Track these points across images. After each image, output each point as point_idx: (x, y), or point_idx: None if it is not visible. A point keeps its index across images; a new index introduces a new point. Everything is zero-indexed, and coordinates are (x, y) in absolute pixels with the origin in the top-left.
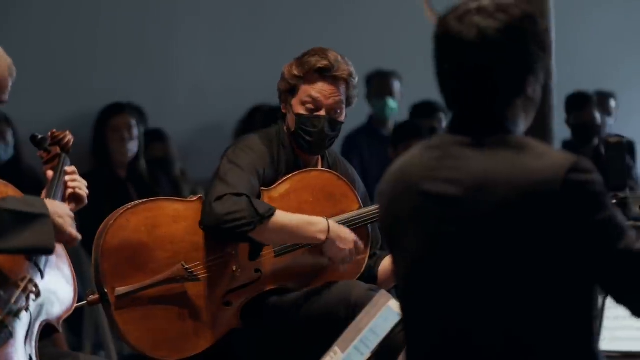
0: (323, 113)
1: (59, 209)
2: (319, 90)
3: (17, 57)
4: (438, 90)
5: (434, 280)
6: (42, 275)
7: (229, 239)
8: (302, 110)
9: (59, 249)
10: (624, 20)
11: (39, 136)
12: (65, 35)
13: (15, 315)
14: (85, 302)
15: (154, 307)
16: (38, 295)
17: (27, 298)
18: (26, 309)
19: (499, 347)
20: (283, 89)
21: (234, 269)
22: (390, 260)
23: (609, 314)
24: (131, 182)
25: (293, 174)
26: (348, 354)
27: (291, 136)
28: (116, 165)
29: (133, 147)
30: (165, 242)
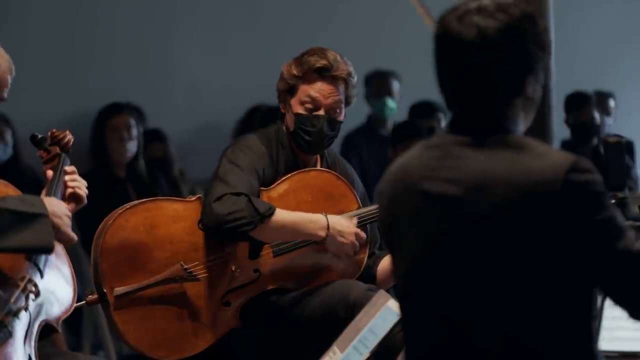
0: (322, 113)
1: (57, 209)
2: (318, 89)
3: (16, 57)
4: (438, 90)
5: (434, 280)
6: (42, 275)
7: (229, 238)
8: (301, 110)
9: (59, 248)
10: (623, 20)
11: (39, 136)
12: (64, 36)
13: (15, 315)
14: (84, 302)
15: (153, 307)
16: (37, 295)
17: (27, 298)
18: (25, 308)
19: (498, 347)
20: (282, 88)
21: (233, 269)
22: (389, 260)
23: (607, 314)
24: (130, 182)
25: (292, 173)
26: (347, 354)
27: (290, 136)
28: (115, 165)
29: (132, 147)
30: (164, 242)
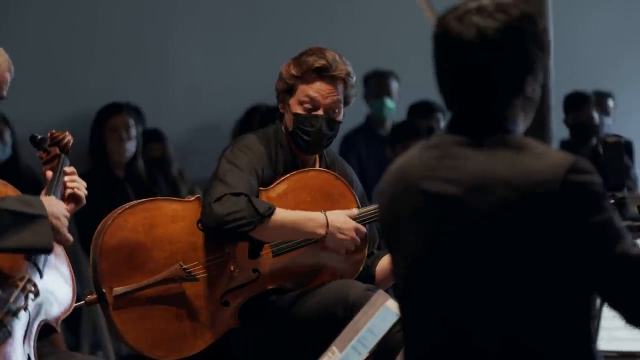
0: (321, 112)
1: (56, 210)
2: (317, 89)
3: (16, 57)
4: (437, 90)
5: (433, 280)
6: (41, 275)
7: (229, 239)
8: (300, 110)
9: (58, 249)
10: (623, 20)
11: (39, 137)
12: (63, 36)
13: (14, 315)
14: (83, 302)
15: (151, 307)
16: (37, 294)
17: (26, 297)
18: (25, 308)
19: (497, 348)
20: (281, 88)
21: (232, 269)
22: (388, 260)
23: (606, 314)
24: (129, 182)
25: (291, 173)
26: (346, 354)
27: (289, 136)
28: (114, 165)
29: (131, 147)
30: (163, 242)
